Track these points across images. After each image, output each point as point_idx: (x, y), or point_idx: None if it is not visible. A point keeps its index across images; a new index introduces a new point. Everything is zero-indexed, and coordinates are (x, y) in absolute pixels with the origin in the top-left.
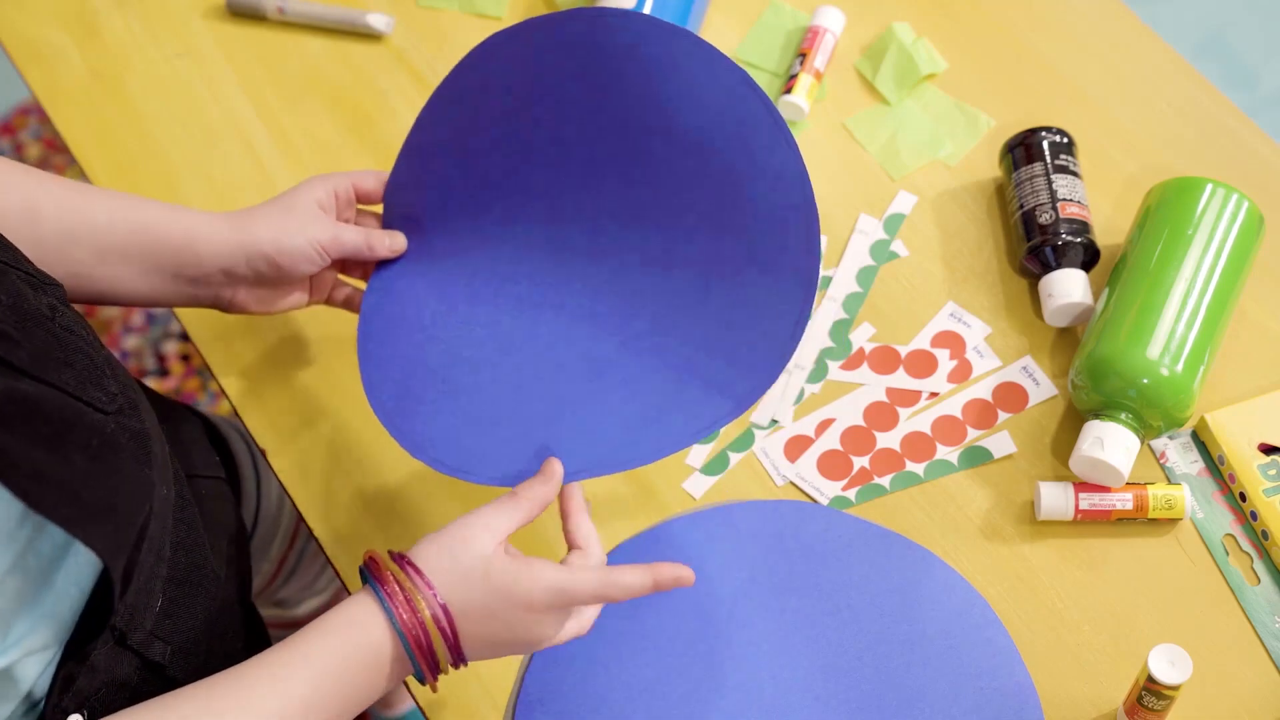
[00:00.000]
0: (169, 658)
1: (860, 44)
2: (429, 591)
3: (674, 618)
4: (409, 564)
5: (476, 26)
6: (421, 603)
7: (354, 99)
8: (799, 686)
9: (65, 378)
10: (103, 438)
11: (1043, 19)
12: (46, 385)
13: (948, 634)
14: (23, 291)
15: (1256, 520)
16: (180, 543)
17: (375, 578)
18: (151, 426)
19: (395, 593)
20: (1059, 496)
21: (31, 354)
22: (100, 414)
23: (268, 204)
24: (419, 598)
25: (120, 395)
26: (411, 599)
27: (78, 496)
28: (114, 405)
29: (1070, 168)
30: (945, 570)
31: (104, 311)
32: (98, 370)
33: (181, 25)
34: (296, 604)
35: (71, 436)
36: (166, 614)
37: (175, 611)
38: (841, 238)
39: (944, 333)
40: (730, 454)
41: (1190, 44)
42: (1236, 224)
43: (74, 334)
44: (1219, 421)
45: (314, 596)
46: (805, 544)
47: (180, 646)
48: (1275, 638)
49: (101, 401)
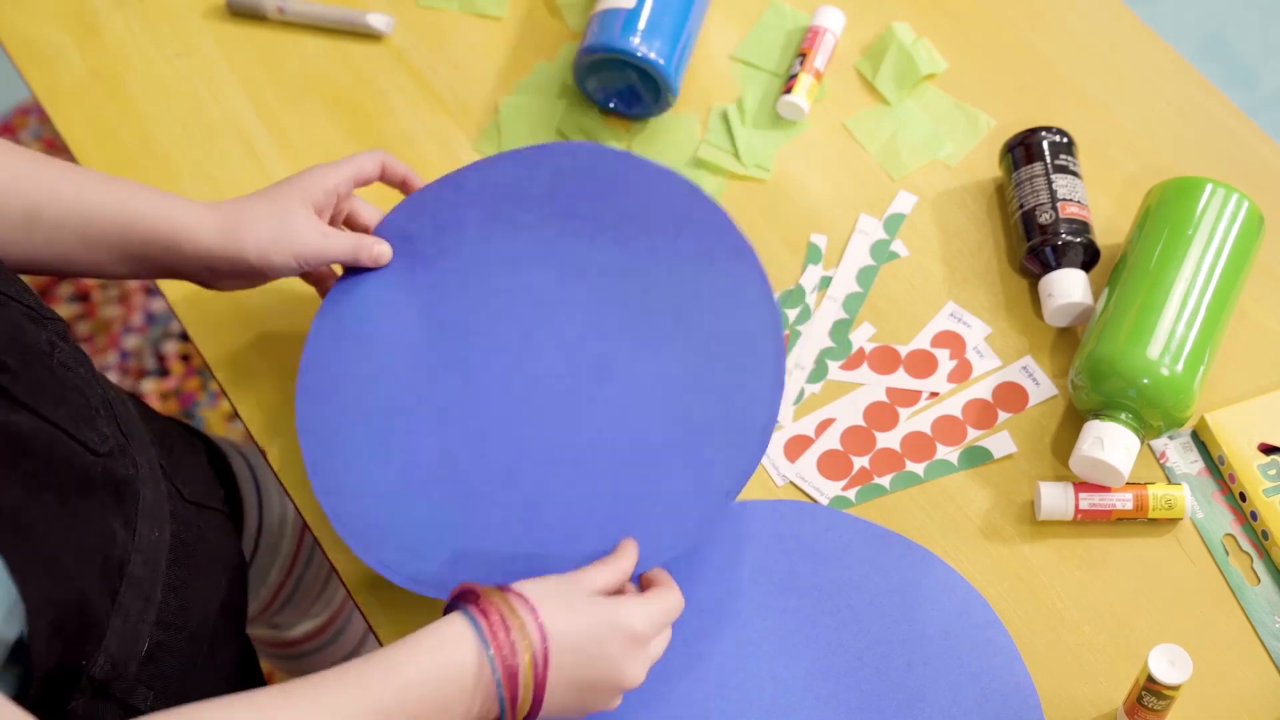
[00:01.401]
0: (151, 704)
1: (860, 44)
2: (528, 613)
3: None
4: (509, 590)
5: (476, 26)
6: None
7: (354, 99)
8: (799, 686)
9: (60, 414)
10: (82, 481)
11: (1043, 19)
12: (42, 420)
13: (948, 634)
14: (23, 325)
15: (1256, 520)
16: (172, 584)
17: (469, 601)
18: (144, 470)
19: (491, 612)
20: (1059, 496)
21: (29, 388)
22: (91, 455)
23: (263, 201)
24: (516, 618)
25: (112, 438)
26: (508, 620)
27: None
28: (105, 447)
29: (1070, 168)
30: (945, 570)
31: (104, 310)
32: (92, 410)
33: (181, 25)
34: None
35: (49, 476)
36: (152, 657)
37: (161, 655)
38: (841, 238)
39: (944, 333)
40: None
41: (1190, 44)
42: (1236, 224)
43: (71, 371)
44: (1219, 421)
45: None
46: (805, 544)
47: (164, 690)
48: (1275, 638)
49: (94, 442)
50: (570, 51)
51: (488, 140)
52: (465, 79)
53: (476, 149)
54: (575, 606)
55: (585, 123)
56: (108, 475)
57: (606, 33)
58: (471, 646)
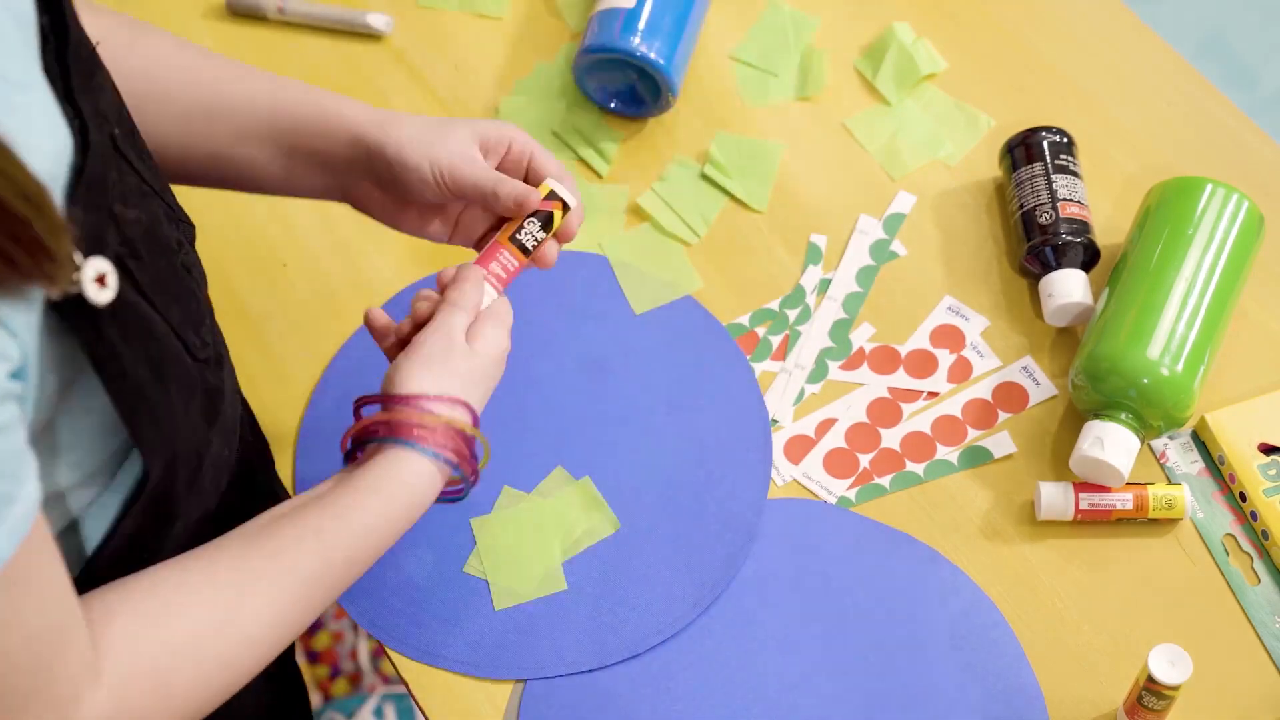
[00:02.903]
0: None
1: (860, 44)
2: (442, 406)
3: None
4: (409, 400)
5: (476, 26)
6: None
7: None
8: (805, 684)
9: (173, 313)
10: (187, 381)
11: (1043, 19)
12: (156, 312)
13: (954, 634)
14: (159, 217)
15: (1256, 520)
16: (225, 502)
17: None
18: (229, 386)
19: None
20: (1059, 496)
21: (153, 280)
22: (192, 359)
23: (436, 118)
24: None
25: (211, 346)
26: (439, 426)
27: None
28: (204, 354)
29: (1070, 168)
30: (952, 571)
31: None
32: (200, 316)
33: (181, 25)
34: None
35: (165, 366)
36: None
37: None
38: (841, 238)
39: (942, 327)
40: None
41: (1190, 44)
42: (1236, 224)
43: (190, 275)
44: (1219, 421)
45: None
46: (813, 542)
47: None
48: (1275, 638)
49: (195, 346)
50: (570, 51)
51: None
52: (465, 79)
53: None
54: (455, 369)
55: (585, 122)
56: (203, 381)
57: (606, 33)
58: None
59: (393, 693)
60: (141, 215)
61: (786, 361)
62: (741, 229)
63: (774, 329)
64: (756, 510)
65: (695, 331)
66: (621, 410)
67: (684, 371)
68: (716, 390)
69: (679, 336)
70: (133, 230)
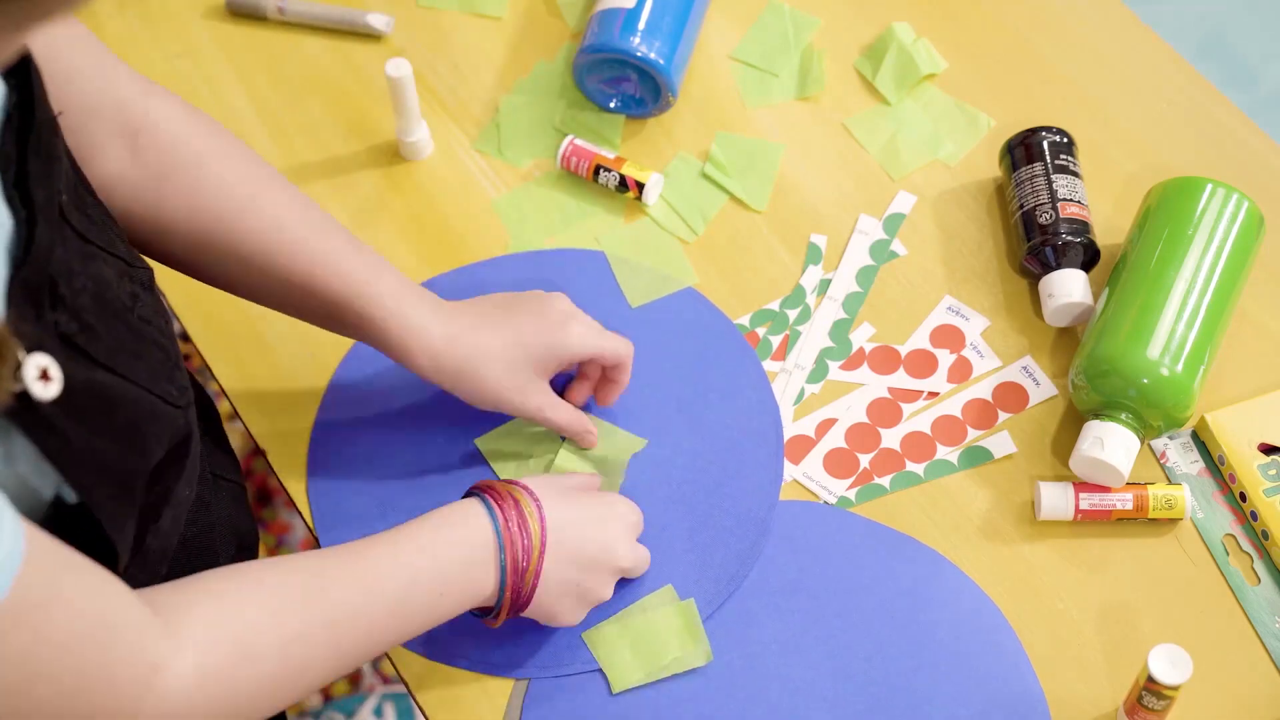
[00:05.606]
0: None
1: (860, 44)
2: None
3: None
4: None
5: (476, 26)
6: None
7: (354, 99)
8: (807, 688)
9: (138, 372)
10: (174, 431)
11: (1043, 19)
12: (120, 378)
13: (957, 638)
14: (107, 279)
15: (1256, 520)
16: (188, 541)
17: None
18: (194, 426)
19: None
20: (1059, 496)
21: (110, 348)
22: (173, 407)
23: (496, 341)
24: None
25: (189, 390)
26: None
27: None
28: (183, 400)
29: (1070, 168)
30: (955, 574)
31: None
32: (170, 364)
33: (181, 25)
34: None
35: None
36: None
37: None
38: (841, 238)
39: (942, 327)
40: None
41: (1190, 44)
42: (1236, 224)
43: (151, 325)
44: (1219, 421)
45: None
46: (814, 545)
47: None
48: (1275, 638)
49: (172, 396)
50: (570, 51)
51: (487, 140)
52: (465, 79)
53: (476, 148)
54: (569, 497)
55: (585, 122)
56: (186, 425)
57: (606, 33)
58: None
59: (392, 692)
60: (88, 283)
61: (786, 361)
62: (741, 229)
63: (774, 329)
64: (769, 506)
65: (703, 326)
66: (630, 406)
67: (693, 368)
68: (726, 385)
69: (687, 331)
70: (81, 301)
